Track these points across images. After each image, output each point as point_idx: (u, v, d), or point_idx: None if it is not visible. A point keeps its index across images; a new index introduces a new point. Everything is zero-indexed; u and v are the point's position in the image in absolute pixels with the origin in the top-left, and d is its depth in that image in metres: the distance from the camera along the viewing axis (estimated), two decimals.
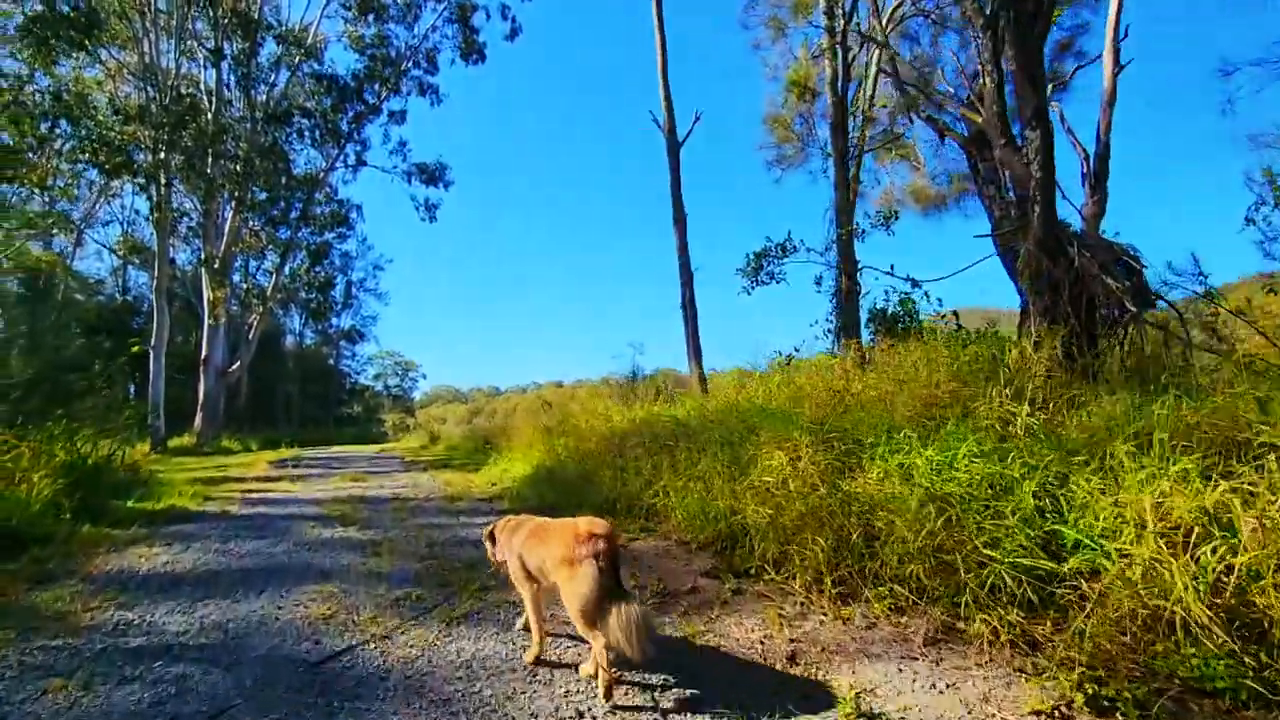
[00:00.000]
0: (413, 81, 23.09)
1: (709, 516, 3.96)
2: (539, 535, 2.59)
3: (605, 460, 5.93)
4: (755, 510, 3.55)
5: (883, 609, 2.81)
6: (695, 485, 4.40)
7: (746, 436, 4.43)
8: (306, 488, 8.32)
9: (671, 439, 5.18)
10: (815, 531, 3.17)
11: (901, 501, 2.97)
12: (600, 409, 8.26)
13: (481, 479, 8.40)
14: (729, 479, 4.10)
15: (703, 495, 4.22)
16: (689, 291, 9.40)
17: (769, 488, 3.59)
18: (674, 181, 9.63)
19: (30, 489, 5.18)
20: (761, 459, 3.84)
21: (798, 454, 3.65)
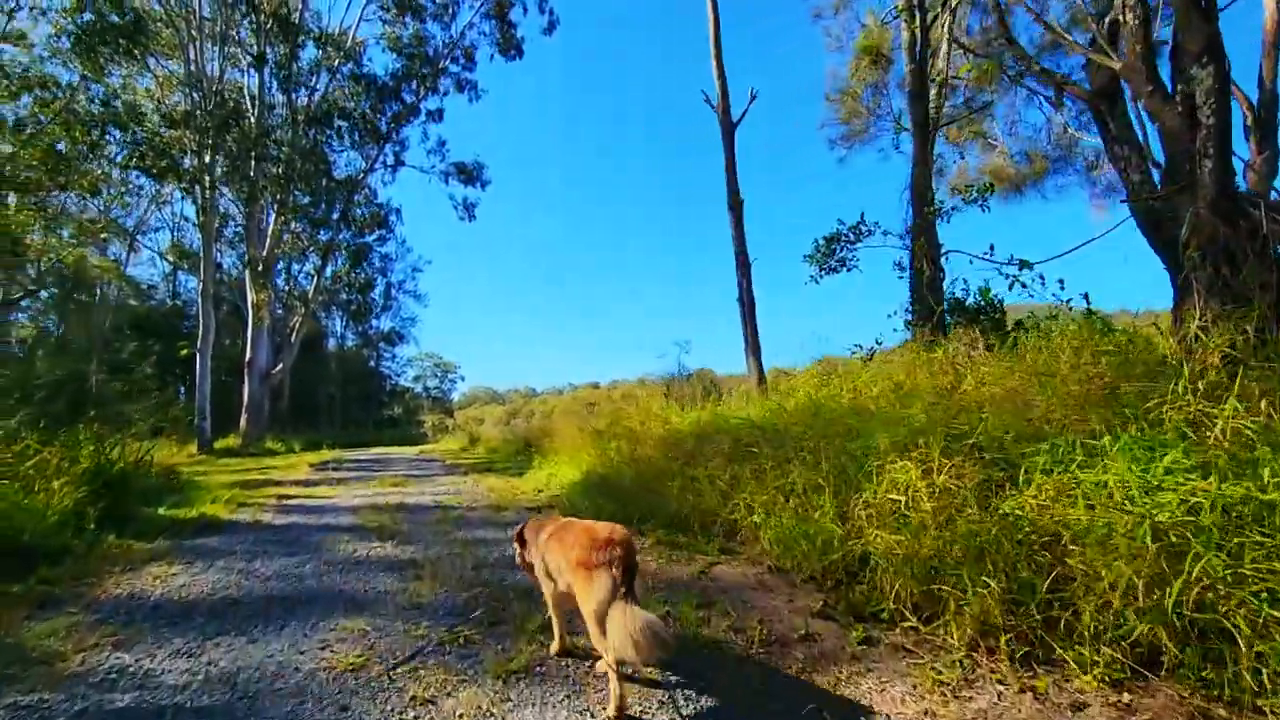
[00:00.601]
0: (450, 79, 22.87)
1: (813, 541, 3.26)
2: (559, 536, 2.59)
3: (670, 468, 5.27)
4: (880, 536, 2.85)
5: (1093, 681, 2.09)
6: (788, 501, 3.72)
7: (848, 442, 3.72)
8: (345, 493, 7.89)
9: (751, 445, 4.49)
10: (973, 568, 2.45)
11: (1100, 531, 2.24)
12: (655, 409, 7.62)
13: (527, 485, 7.84)
14: (834, 493, 3.40)
15: (800, 513, 3.53)
16: (746, 281, 8.70)
17: (898, 508, 2.88)
18: (729, 164, 8.93)
19: (49, 498, 4.78)
20: (883, 471, 3.13)
21: (931, 464, 2.93)
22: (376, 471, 11.64)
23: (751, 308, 8.71)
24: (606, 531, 2.39)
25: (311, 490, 8.28)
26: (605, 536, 2.34)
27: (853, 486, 3.32)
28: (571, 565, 2.35)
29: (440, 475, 10.11)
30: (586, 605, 2.24)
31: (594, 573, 2.23)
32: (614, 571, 2.20)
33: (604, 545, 2.29)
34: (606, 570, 2.21)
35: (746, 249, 8.74)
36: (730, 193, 8.84)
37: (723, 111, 9.04)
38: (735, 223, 8.76)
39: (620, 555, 2.24)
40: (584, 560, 2.29)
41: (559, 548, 2.52)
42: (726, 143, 8.99)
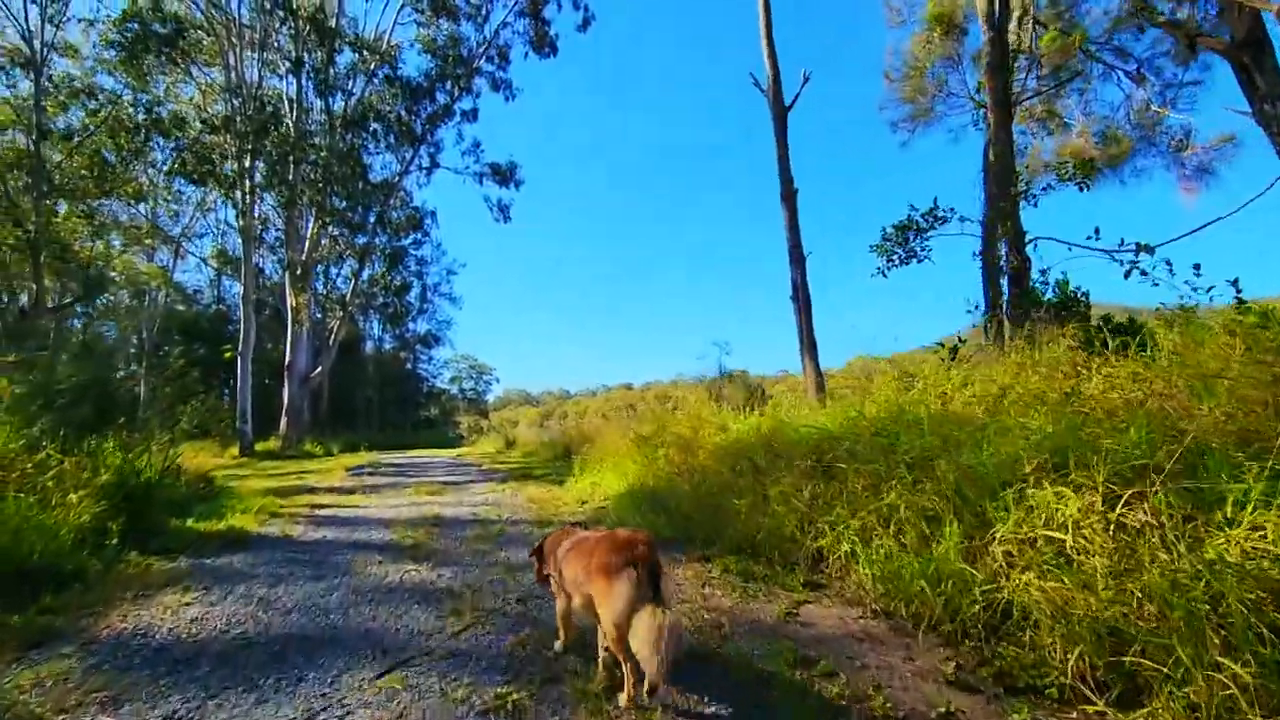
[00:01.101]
0: (485, 79, 22.67)
1: (933, 582, 2.66)
2: (579, 546, 2.51)
3: (733, 483, 4.70)
4: (1033, 584, 2.25)
5: None
6: (888, 527, 3.13)
7: (960, 458, 3.11)
8: (379, 502, 7.53)
9: (833, 459, 3.90)
10: (1188, 637, 1.84)
11: None
12: (706, 414, 7.05)
13: (569, 496, 7.35)
14: (953, 523, 2.80)
15: (908, 546, 2.95)
16: (801, 277, 8.07)
17: (1059, 547, 2.27)
18: (781, 152, 8.32)
19: (66, 513, 4.45)
20: (1023, 498, 2.52)
21: (1093, 490, 2.31)
22: (412, 477, 11.33)
23: (807, 305, 8.07)
24: (628, 533, 2.32)
25: (345, 499, 7.95)
26: (626, 537, 2.26)
27: (978, 515, 2.72)
28: (591, 572, 2.26)
29: (477, 482, 9.71)
30: (606, 610, 2.13)
31: (616, 576, 2.12)
32: (638, 572, 2.08)
33: (625, 546, 2.19)
34: (630, 571, 2.09)
35: (801, 242, 8.11)
36: (783, 183, 8.22)
37: (773, 96, 8.43)
38: (789, 215, 8.13)
39: (644, 555, 2.13)
40: (604, 564, 2.18)
41: (578, 558, 2.44)
42: (778, 129, 8.38)
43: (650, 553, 2.16)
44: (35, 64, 17.69)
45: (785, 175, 8.17)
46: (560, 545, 2.68)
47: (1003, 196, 6.07)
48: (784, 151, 8.27)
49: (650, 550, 2.17)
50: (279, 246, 30.38)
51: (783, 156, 8.26)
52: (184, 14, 20.25)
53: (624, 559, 2.14)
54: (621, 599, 2.06)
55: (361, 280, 27.21)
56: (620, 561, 2.14)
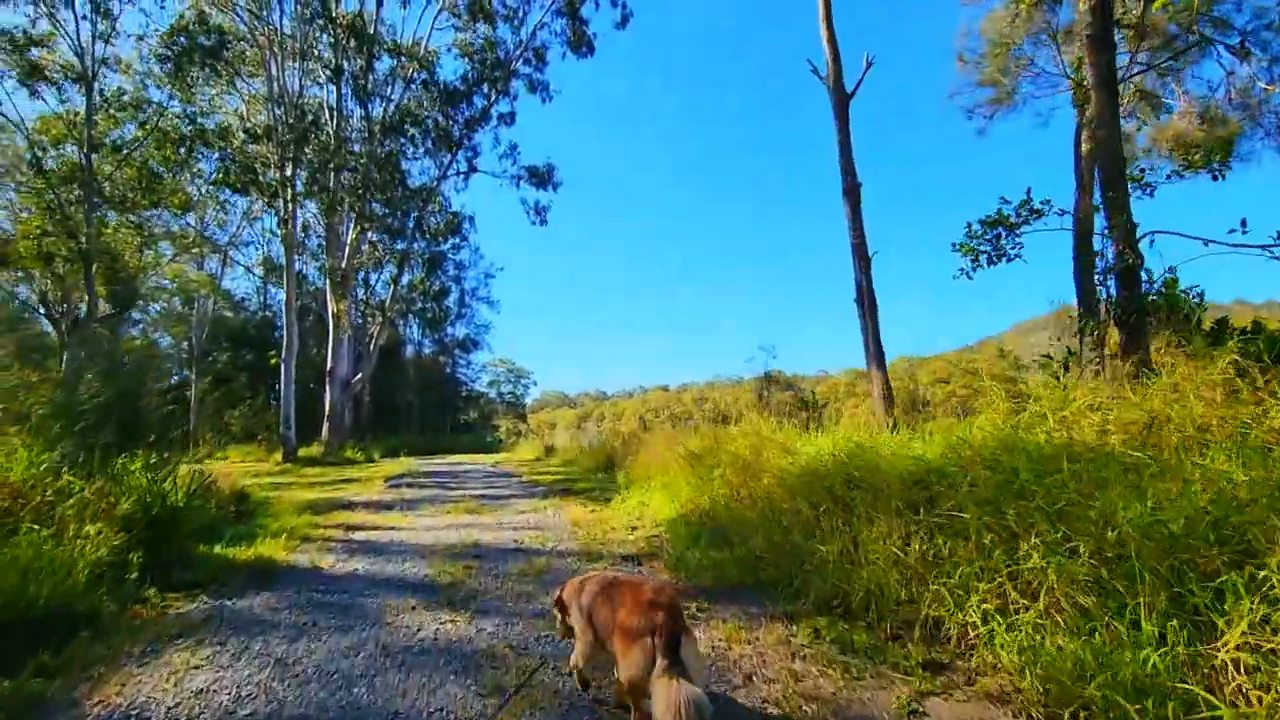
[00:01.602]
0: (521, 81, 22.41)
1: (1125, 692, 2.02)
2: (606, 594, 2.42)
3: (810, 520, 4.09)
4: None
5: None
6: (1037, 600, 2.50)
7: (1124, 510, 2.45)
8: (416, 521, 7.14)
9: (941, 498, 3.26)
10: None
11: None
12: (766, 431, 6.43)
13: (617, 518, 6.81)
14: (1139, 599, 2.16)
15: (1063, 624, 2.31)
16: (866, 279, 7.36)
17: None
18: (842, 143, 7.64)
19: (83, 547, 4.11)
20: (1262, 584, 1.88)
21: None
22: (451, 489, 10.99)
23: (873, 308, 7.36)
24: (651, 592, 2.23)
25: (382, 517, 7.58)
26: (649, 598, 2.17)
27: (1176, 599, 2.08)
28: (613, 629, 2.21)
29: (517, 498, 9.27)
30: (622, 672, 2.12)
31: (634, 642, 2.07)
32: (655, 641, 2.00)
33: (646, 608, 2.11)
34: (647, 640, 2.02)
35: (865, 240, 7.40)
36: (845, 176, 7.53)
37: (833, 82, 7.75)
38: (851, 210, 7.44)
39: (663, 623, 2.04)
40: (625, 625, 2.14)
41: (606, 606, 2.36)
42: (839, 118, 7.68)
43: (671, 620, 2.04)
44: (87, 79, 18.03)
45: (847, 168, 7.48)
46: (582, 592, 2.59)
47: (1112, 186, 5.30)
48: (846, 142, 7.57)
49: (671, 617, 2.06)
50: (321, 253, 30.77)
51: (844, 148, 7.57)
52: (228, 25, 20.53)
53: (643, 624, 2.05)
54: (636, 667, 2.02)
55: (401, 286, 27.30)
56: (639, 626, 2.06)
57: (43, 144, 18.71)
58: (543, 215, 24.33)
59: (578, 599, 2.60)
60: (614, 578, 2.56)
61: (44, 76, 17.63)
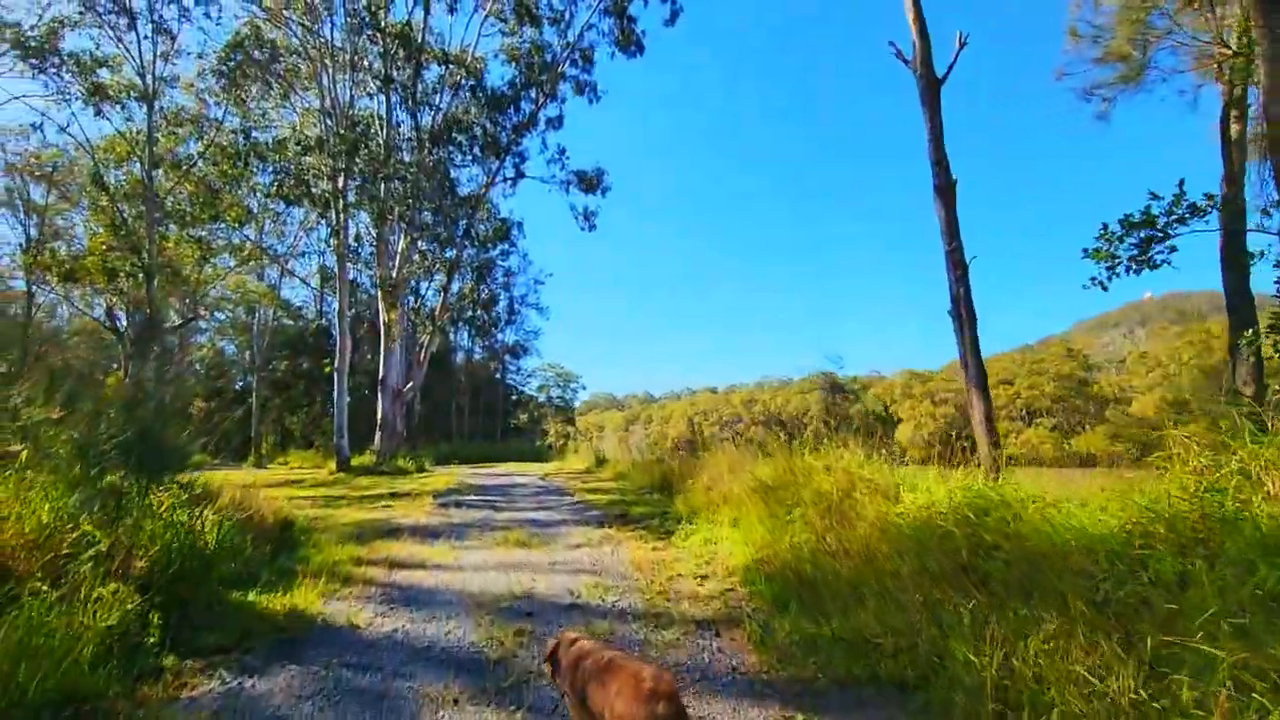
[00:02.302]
0: (569, 83, 21.99)
1: None
2: (600, 676, 2.32)
3: (933, 597, 3.30)
4: None
5: None
6: None
7: None
8: (463, 557, 6.61)
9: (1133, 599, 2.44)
10: None
11: None
12: (853, 465, 5.61)
13: (683, 561, 6.09)
14: None
15: None
16: (964, 288, 6.42)
17: None
18: (933, 133, 6.71)
19: (91, 615, 3.65)
20: None
21: None
22: (500, 510, 10.51)
23: (971, 322, 6.40)
24: (651, 680, 2.12)
25: (428, 549, 7.10)
26: (649, 688, 2.07)
27: None
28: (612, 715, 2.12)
29: (570, 524, 8.67)
30: None
31: None
32: None
33: (645, 700, 2.03)
34: None
35: (961, 244, 6.45)
36: (937, 171, 6.59)
37: (921, 65, 6.83)
38: (945, 211, 6.49)
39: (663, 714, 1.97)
40: (623, 713, 2.06)
41: (599, 690, 2.27)
42: (928, 105, 6.75)
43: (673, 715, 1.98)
44: (148, 97, 18.39)
45: (940, 161, 6.55)
46: (577, 668, 2.47)
47: None
48: (937, 133, 6.64)
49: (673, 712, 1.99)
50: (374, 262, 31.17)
51: (936, 139, 6.65)
52: (281, 40, 20.79)
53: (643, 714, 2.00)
54: None
55: (451, 294, 27.27)
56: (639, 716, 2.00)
57: (108, 162, 19.22)
58: (591, 221, 23.88)
59: (571, 674, 2.47)
60: (610, 658, 2.41)
61: (108, 96, 18.08)
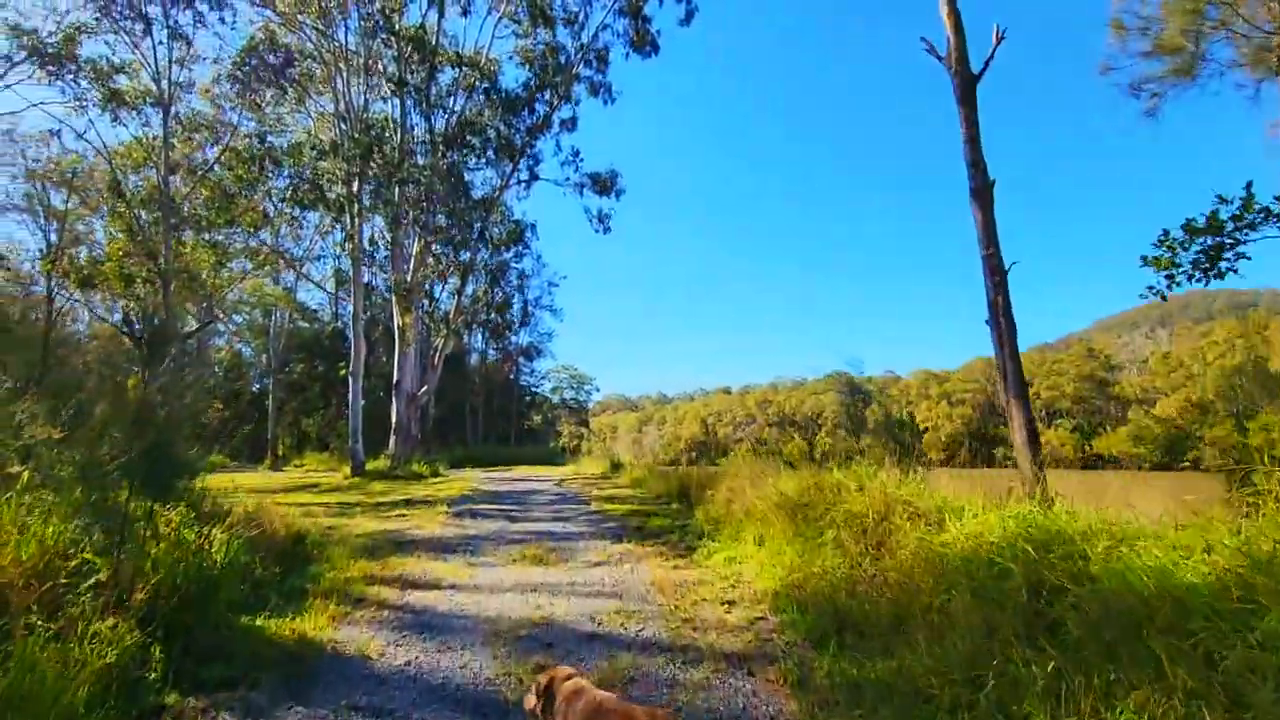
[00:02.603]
0: (583, 84, 21.77)
1: None
2: None
3: (990, 646, 3.01)
4: None
5: None
6: None
7: None
8: (479, 575, 6.41)
9: None
10: None
11: None
12: (890, 484, 5.31)
13: (706, 583, 5.81)
14: None
15: None
16: (1002, 297, 6.07)
17: None
18: (969, 133, 6.35)
19: (87, 653, 3.45)
20: None
21: None
22: (516, 519, 10.32)
23: (1011, 333, 6.04)
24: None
25: (443, 565, 6.89)
26: None
27: None
28: None
29: (587, 538, 8.43)
30: None
31: None
32: None
33: None
34: None
35: (999, 252, 6.08)
36: (973, 173, 6.21)
37: (956, 63, 6.47)
38: (982, 214, 6.13)
39: None
40: None
41: None
42: (964, 104, 6.38)
43: None
44: (164, 103, 18.40)
45: (976, 163, 6.19)
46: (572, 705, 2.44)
47: None
48: (974, 133, 6.29)
49: None
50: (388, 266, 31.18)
51: (972, 139, 6.30)
52: (295, 44, 20.77)
53: None
54: None
55: (465, 297, 27.18)
56: None
57: (125, 168, 19.26)
58: (605, 223, 23.65)
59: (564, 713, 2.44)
60: (600, 701, 2.39)
61: (124, 102, 18.11)
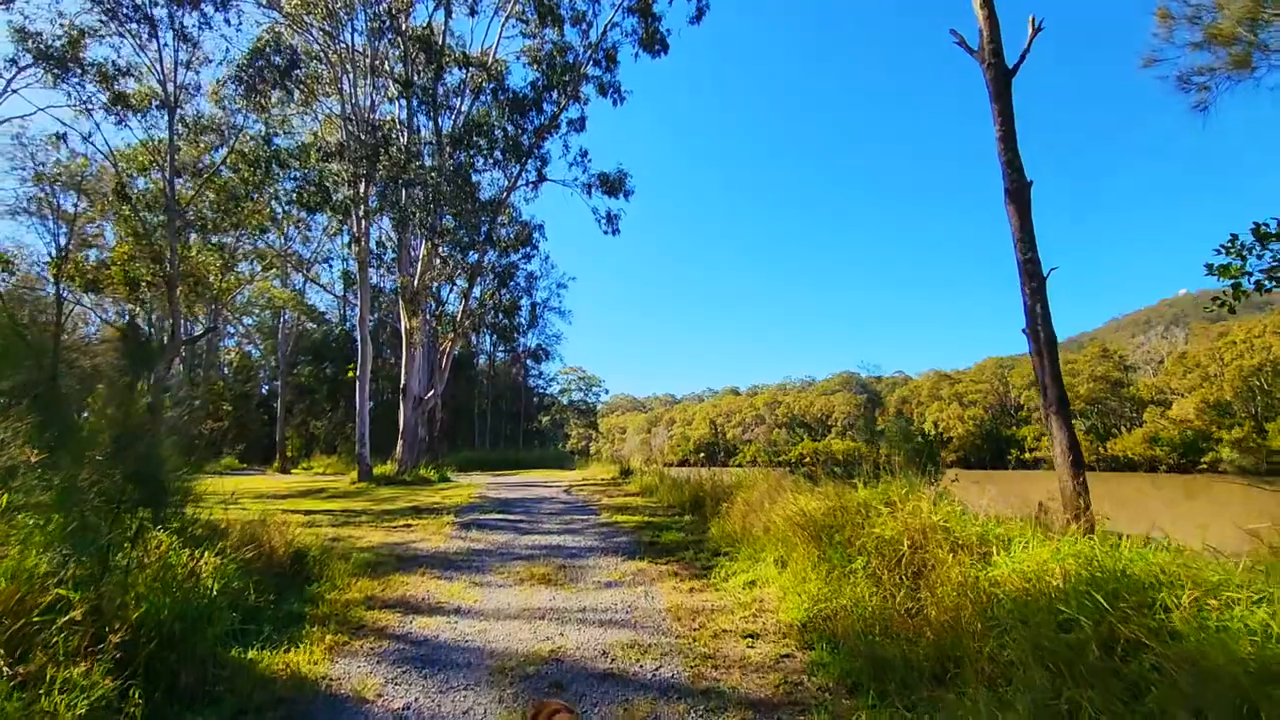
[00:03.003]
0: (592, 84, 21.45)
1: None
2: None
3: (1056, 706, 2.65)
4: None
5: None
6: None
7: None
8: (484, 598, 6.10)
9: None
10: None
11: None
12: (925, 509, 4.95)
13: (726, 611, 5.46)
14: None
15: None
16: (1040, 304, 5.65)
17: None
18: (1004, 131, 5.94)
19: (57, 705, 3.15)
20: None
21: None
22: (524, 531, 10.02)
23: (1050, 344, 5.61)
24: None
25: (447, 586, 6.58)
26: None
27: None
28: None
29: (598, 553, 8.11)
30: None
31: None
32: None
33: None
34: None
35: (1038, 254, 5.69)
36: (1008, 173, 5.80)
37: (990, 55, 6.09)
38: (1019, 217, 5.73)
39: None
40: None
41: None
42: (997, 99, 5.97)
43: None
44: (169, 105, 18.23)
45: (1012, 163, 5.78)
46: None
47: None
48: (1009, 130, 5.88)
49: None
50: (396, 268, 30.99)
51: (1007, 137, 5.88)
52: (302, 45, 20.57)
53: None
54: None
55: (472, 299, 26.93)
56: None
57: (131, 172, 19.11)
58: (614, 224, 23.35)
59: None
60: None
61: (130, 105, 17.96)
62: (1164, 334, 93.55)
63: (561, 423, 57.50)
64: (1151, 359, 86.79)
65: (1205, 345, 76.04)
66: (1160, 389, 77.08)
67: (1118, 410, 79.09)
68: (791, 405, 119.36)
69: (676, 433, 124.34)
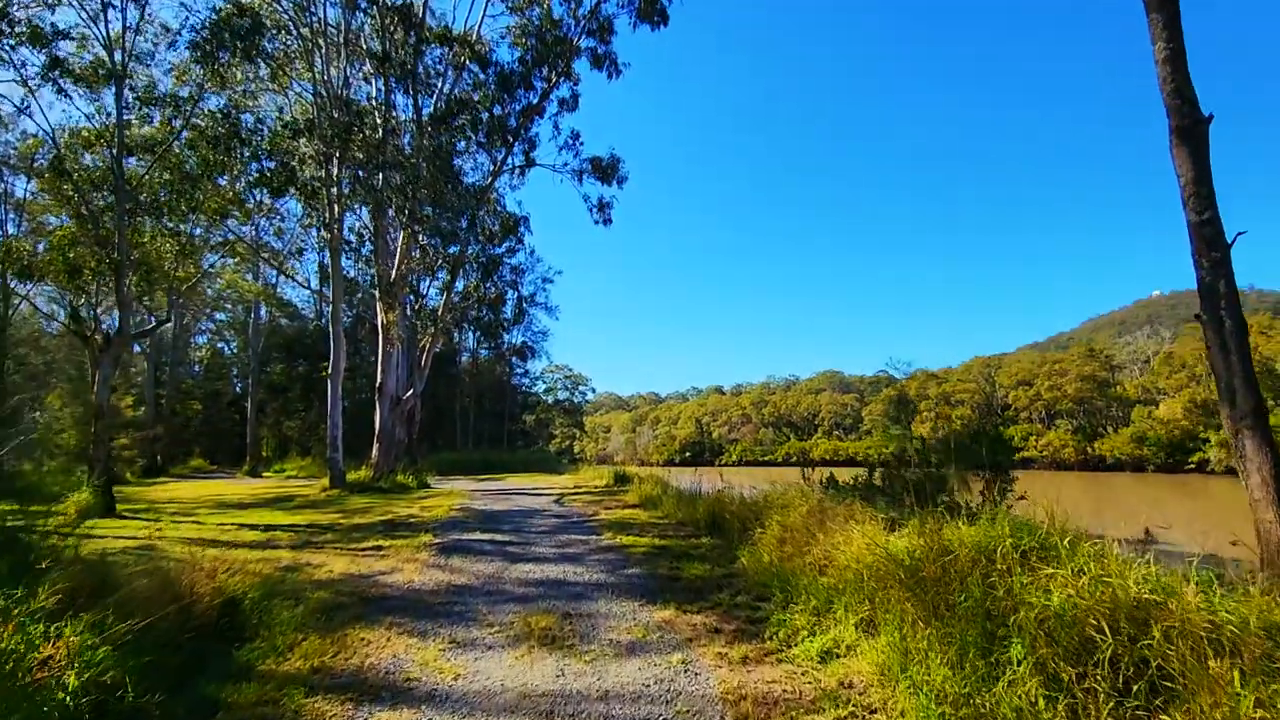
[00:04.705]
0: (585, 56, 19.85)
1: None
2: None
3: None
4: None
5: None
6: None
7: None
8: (468, 670, 4.56)
9: None
10: None
11: None
12: (1114, 574, 3.49)
13: (815, 710, 3.95)
14: None
15: None
16: (1223, 279, 4.20)
17: None
18: (1169, 49, 4.33)
19: None
20: None
21: None
22: (515, 558, 8.46)
23: (1239, 333, 4.20)
24: None
25: (417, 655, 5.01)
26: None
27: None
28: None
29: (610, 596, 6.58)
30: None
31: None
32: None
33: None
34: None
35: (1218, 215, 4.25)
36: (1176, 105, 4.37)
37: None
38: (1193, 162, 4.26)
39: None
40: None
41: None
42: (1160, 5, 4.55)
43: None
44: (117, 75, 16.33)
45: (1180, 90, 4.28)
46: None
47: None
48: (1175, 48, 4.42)
49: None
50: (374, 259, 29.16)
51: (1172, 56, 4.41)
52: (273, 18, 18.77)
53: None
54: None
55: (454, 293, 25.21)
56: None
57: (74, 148, 17.17)
58: (606, 213, 21.80)
59: None
60: None
61: (69, 72, 16.05)
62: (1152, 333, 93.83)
63: (547, 422, 55.79)
64: (1137, 358, 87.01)
65: (1192, 345, 76.18)
66: (1147, 389, 77.16)
67: (1104, 410, 79.14)
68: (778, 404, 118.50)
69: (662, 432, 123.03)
